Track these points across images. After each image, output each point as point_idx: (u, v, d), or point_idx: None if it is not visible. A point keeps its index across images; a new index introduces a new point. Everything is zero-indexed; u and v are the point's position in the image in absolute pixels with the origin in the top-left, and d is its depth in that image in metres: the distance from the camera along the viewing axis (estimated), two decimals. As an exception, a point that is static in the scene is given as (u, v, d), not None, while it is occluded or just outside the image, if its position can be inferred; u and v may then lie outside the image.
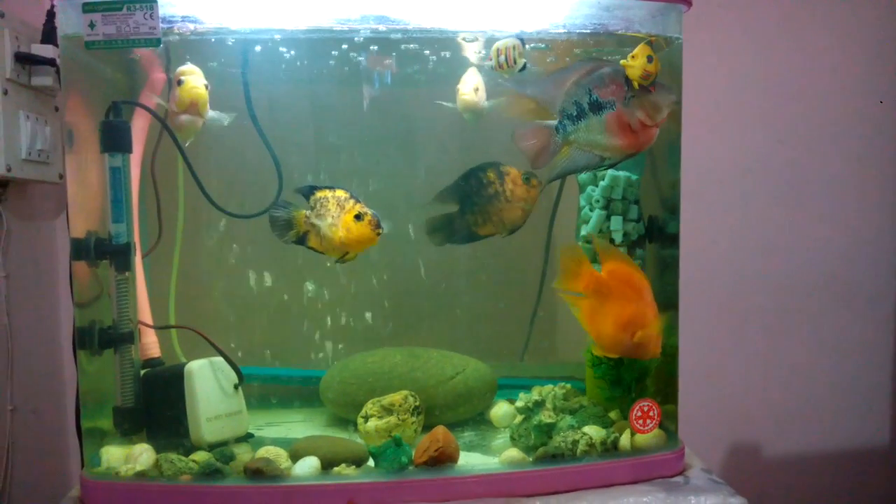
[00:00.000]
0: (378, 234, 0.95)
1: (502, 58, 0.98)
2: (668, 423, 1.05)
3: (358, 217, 0.95)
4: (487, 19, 1.01)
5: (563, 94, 0.96)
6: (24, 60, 1.15)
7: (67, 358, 1.31)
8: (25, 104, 1.17)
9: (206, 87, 0.99)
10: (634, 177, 1.10)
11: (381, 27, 0.98)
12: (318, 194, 0.98)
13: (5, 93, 1.12)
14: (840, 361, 1.64)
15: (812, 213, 1.61)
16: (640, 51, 0.94)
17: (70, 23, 0.93)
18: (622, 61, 0.95)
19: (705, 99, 1.53)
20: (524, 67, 0.98)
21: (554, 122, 0.97)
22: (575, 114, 0.96)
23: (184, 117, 0.99)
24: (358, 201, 0.97)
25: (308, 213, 0.99)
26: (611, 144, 0.97)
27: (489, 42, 1.02)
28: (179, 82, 0.99)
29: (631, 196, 1.10)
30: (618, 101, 0.95)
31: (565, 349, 1.27)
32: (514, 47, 0.97)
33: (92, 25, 0.89)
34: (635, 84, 0.95)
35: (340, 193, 0.98)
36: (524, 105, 1.01)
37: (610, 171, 1.09)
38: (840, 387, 1.65)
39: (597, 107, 0.96)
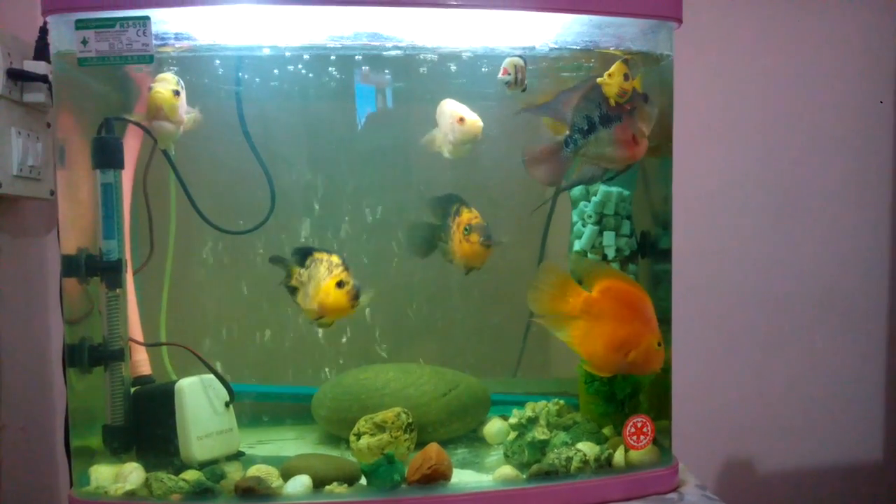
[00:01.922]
0: (354, 305, 0.96)
1: (520, 75, 0.97)
2: (662, 439, 1.05)
3: (339, 284, 0.96)
4: (480, 37, 1.02)
5: (573, 110, 0.98)
6: (16, 77, 1.15)
7: (57, 375, 1.30)
8: (17, 120, 1.17)
9: (176, 93, 0.97)
10: (627, 192, 1.10)
11: (376, 43, 0.98)
12: (316, 255, 1.00)
13: (-3, 109, 1.12)
14: (834, 376, 1.64)
15: (805, 226, 1.62)
16: (617, 69, 0.96)
17: (63, 39, 0.93)
18: (598, 79, 0.97)
19: (697, 112, 1.54)
20: (525, 89, 0.99)
21: (562, 138, 0.98)
22: (586, 127, 0.98)
23: (154, 123, 0.98)
24: (347, 269, 0.97)
25: (302, 270, 1.00)
26: (617, 156, 0.99)
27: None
28: (150, 89, 0.98)
29: (623, 211, 1.10)
30: (625, 113, 0.97)
31: (559, 365, 1.27)
32: (523, 67, 0.98)
33: (85, 42, 0.89)
34: (612, 102, 0.97)
35: (334, 259, 0.99)
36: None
37: (602, 187, 1.09)
38: (834, 401, 1.65)
39: (606, 119, 0.98)
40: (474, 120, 1.01)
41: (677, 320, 1.07)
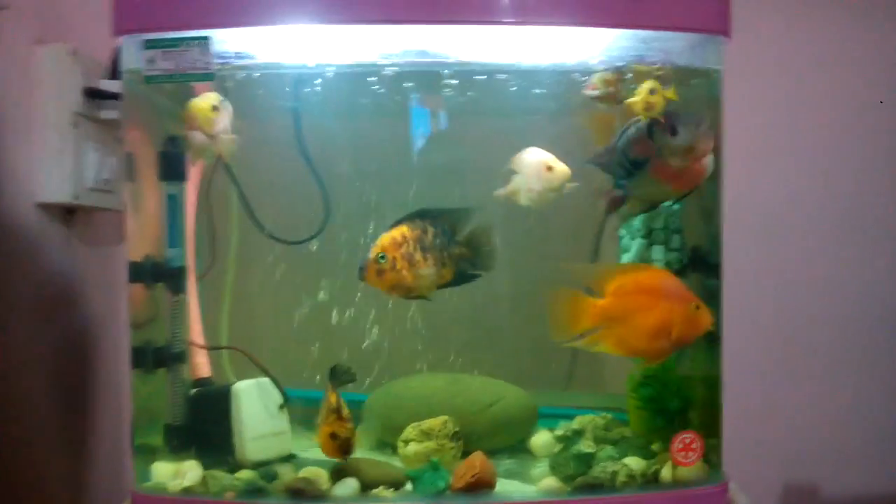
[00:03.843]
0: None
1: (612, 89, 0.98)
2: (712, 456, 1.03)
3: (332, 436, 0.97)
4: (525, 54, 1.03)
5: (613, 163, 1.01)
6: (93, 95, 1.22)
7: (125, 377, 1.36)
8: (93, 136, 1.24)
9: (214, 108, 1.00)
10: (676, 206, 1.10)
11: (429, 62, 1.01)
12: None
13: (75, 125, 1.19)
14: (901, 400, 1.58)
15: (871, 245, 1.56)
16: (644, 84, 0.95)
17: (132, 58, 0.98)
18: (626, 101, 0.97)
19: (756, 126, 1.51)
20: (621, 101, 0.98)
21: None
22: (624, 174, 1.00)
23: (189, 133, 1.01)
24: (339, 411, 0.98)
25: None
26: (666, 191, 1.00)
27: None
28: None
29: (672, 225, 1.09)
30: (651, 156, 0.98)
31: (610, 379, 1.26)
32: (614, 80, 0.98)
33: (152, 61, 0.95)
34: (643, 117, 0.96)
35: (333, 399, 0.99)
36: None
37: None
38: (901, 427, 1.58)
39: (637, 165, 0.99)
40: (563, 168, 1.00)
41: (736, 341, 1.05)
